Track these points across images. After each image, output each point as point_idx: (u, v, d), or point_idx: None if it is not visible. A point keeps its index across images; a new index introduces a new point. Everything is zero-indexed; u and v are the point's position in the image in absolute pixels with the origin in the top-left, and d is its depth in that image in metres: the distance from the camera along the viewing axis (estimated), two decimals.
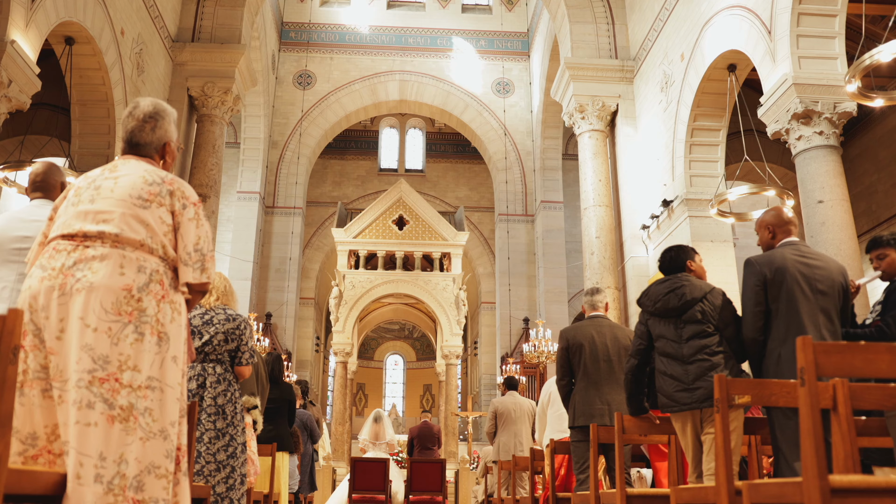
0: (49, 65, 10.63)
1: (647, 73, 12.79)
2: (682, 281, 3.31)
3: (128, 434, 1.86)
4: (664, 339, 3.26)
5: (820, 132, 8.06)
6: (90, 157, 10.16)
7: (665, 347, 3.25)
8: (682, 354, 3.15)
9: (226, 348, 3.51)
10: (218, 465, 3.31)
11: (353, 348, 16.10)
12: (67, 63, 9.56)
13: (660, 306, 3.31)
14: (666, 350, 3.23)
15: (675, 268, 3.43)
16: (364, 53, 20.60)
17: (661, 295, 3.33)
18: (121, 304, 1.94)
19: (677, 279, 3.34)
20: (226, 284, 3.69)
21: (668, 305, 3.26)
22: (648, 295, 3.41)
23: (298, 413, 6.62)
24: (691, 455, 3.06)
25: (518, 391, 7.37)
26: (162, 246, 2.07)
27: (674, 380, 3.14)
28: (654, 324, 3.34)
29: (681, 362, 3.13)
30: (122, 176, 2.14)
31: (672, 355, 3.19)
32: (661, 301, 3.31)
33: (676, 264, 3.43)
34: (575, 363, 4.28)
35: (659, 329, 3.31)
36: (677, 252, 3.48)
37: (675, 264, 3.43)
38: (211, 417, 3.37)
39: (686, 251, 3.49)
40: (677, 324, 3.23)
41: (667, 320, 3.28)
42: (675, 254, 3.47)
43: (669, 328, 3.25)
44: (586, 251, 12.59)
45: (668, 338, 3.24)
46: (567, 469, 4.77)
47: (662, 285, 3.37)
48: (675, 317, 3.25)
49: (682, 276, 3.37)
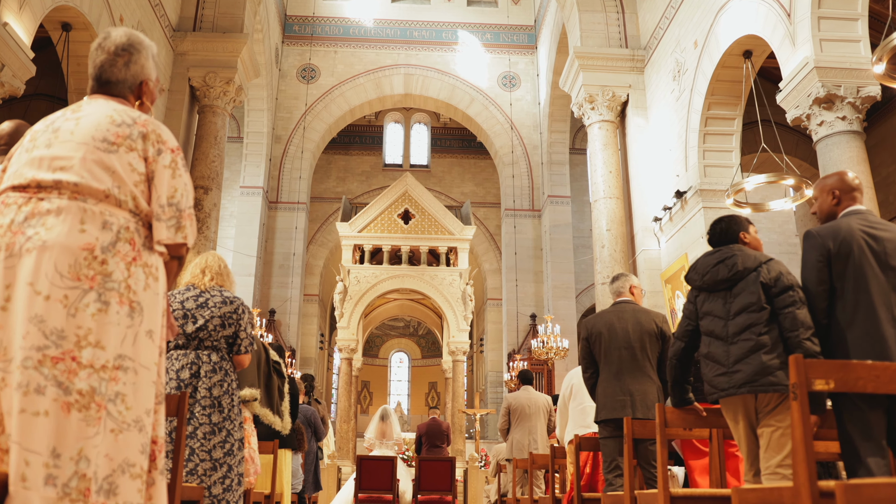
0: (46, 55, 10.39)
1: (659, 61, 12.50)
2: (733, 251, 2.96)
3: (89, 425, 1.53)
4: (710, 317, 2.92)
5: (842, 117, 7.76)
6: None
7: (710, 325, 2.91)
8: (726, 333, 2.81)
9: (222, 334, 3.19)
10: (214, 464, 2.99)
11: (357, 345, 15.82)
12: (64, 50, 9.30)
13: (708, 279, 2.95)
14: (711, 328, 2.90)
15: (727, 239, 3.06)
16: (368, 47, 20.33)
17: (709, 266, 2.97)
18: (80, 266, 1.61)
19: (728, 249, 2.99)
20: (220, 264, 3.37)
21: (717, 277, 2.91)
22: (696, 268, 3.05)
23: (302, 409, 6.34)
24: (745, 450, 2.72)
25: (532, 386, 7.06)
26: (132, 198, 1.73)
27: (714, 362, 2.82)
28: (702, 300, 2.99)
29: (724, 342, 2.81)
30: (85, 116, 1.80)
31: (716, 334, 2.86)
32: (710, 273, 2.95)
33: (728, 236, 3.05)
34: (597, 353, 4.01)
35: (706, 305, 2.96)
36: (729, 222, 3.10)
37: (727, 236, 3.05)
38: (206, 411, 3.05)
39: (739, 221, 3.11)
40: (726, 298, 2.88)
41: (715, 295, 2.93)
42: (726, 224, 3.09)
43: (717, 303, 2.91)
44: (597, 244, 12.30)
45: (715, 314, 2.90)
46: (592, 467, 4.47)
47: (712, 256, 3.02)
48: (724, 290, 2.90)
49: (735, 246, 3.00)
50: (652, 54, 12.82)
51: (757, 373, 2.64)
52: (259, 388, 3.86)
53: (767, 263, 2.84)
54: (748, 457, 2.70)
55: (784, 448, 2.50)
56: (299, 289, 18.15)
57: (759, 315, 2.73)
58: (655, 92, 12.63)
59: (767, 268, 2.82)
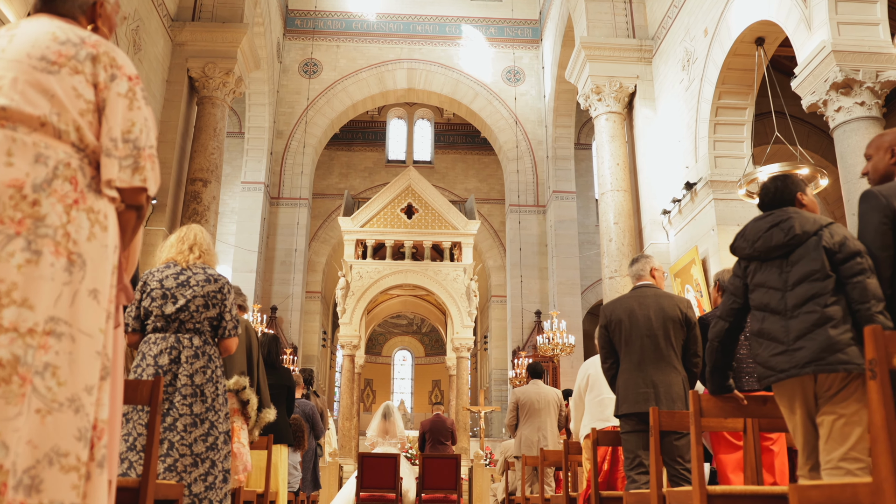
0: None
1: (667, 51, 12.23)
2: (788, 213, 2.57)
3: (8, 403, 1.24)
4: (763, 289, 2.54)
5: (861, 102, 7.50)
6: None
7: (763, 298, 2.52)
8: (784, 306, 2.44)
9: (206, 315, 2.89)
10: (195, 459, 2.70)
11: (360, 341, 15.58)
12: None
13: (760, 245, 2.56)
14: (764, 302, 2.51)
15: (782, 201, 2.65)
16: (371, 41, 20.10)
17: (761, 231, 2.58)
18: (4, 207, 1.32)
19: (783, 212, 2.59)
20: (208, 240, 3.09)
21: (772, 243, 2.53)
22: (744, 234, 2.65)
23: (300, 403, 6.09)
24: (801, 442, 2.38)
25: (543, 380, 6.77)
26: (76, 129, 1.43)
27: (771, 341, 2.44)
28: (752, 271, 2.60)
29: (781, 316, 2.44)
30: (22, 33, 1.49)
31: (772, 308, 2.48)
32: (763, 238, 2.56)
33: (783, 197, 2.65)
34: (616, 341, 3.68)
35: (758, 277, 2.57)
36: (784, 182, 2.69)
37: (782, 197, 2.65)
38: (186, 400, 2.75)
39: (796, 181, 2.71)
40: (782, 267, 2.49)
41: (768, 264, 2.54)
42: (781, 184, 2.69)
43: (771, 273, 2.52)
44: (604, 238, 12.05)
45: (770, 285, 2.51)
46: (610, 464, 4.17)
47: (763, 220, 2.62)
48: (779, 257, 2.51)
49: (790, 209, 2.61)
50: (660, 44, 12.56)
51: (824, 349, 2.30)
52: (250, 377, 3.58)
53: (829, 227, 2.48)
54: (804, 449, 2.38)
55: (848, 439, 2.20)
56: (301, 285, 17.93)
57: (824, 284, 2.38)
58: (664, 82, 12.37)
59: (830, 231, 2.46)
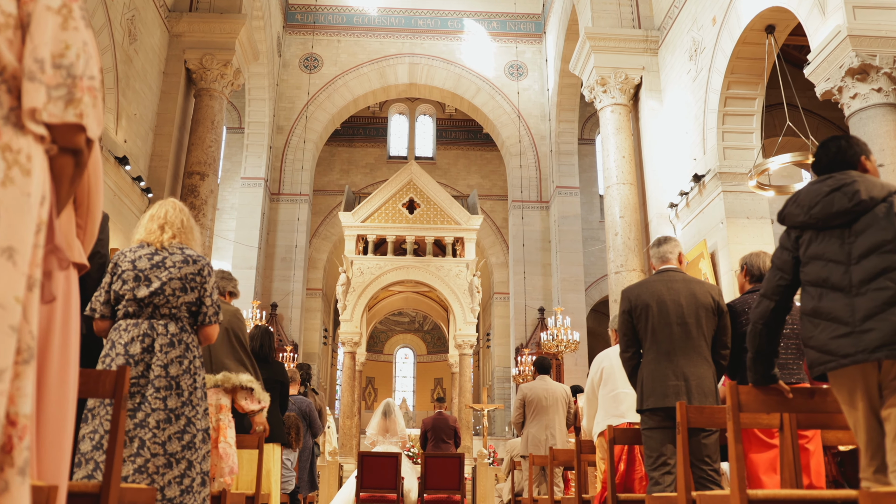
0: None
1: (674, 41, 11.98)
2: (852, 177, 2.23)
3: None
4: (820, 262, 2.20)
5: (878, 89, 7.24)
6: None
7: (821, 273, 2.18)
8: (848, 282, 2.11)
9: (183, 300, 2.62)
10: (169, 460, 2.43)
11: (361, 338, 15.35)
12: None
13: (818, 211, 2.21)
14: (822, 277, 2.18)
15: (842, 163, 2.30)
16: (372, 36, 19.87)
17: (820, 195, 2.23)
18: None
19: (846, 175, 2.24)
20: (183, 218, 2.78)
21: (833, 209, 2.18)
22: (798, 200, 2.29)
23: (296, 400, 5.84)
24: (864, 440, 2.07)
25: (552, 374, 6.48)
26: None
27: (831, 321, 2.11)
28: (806, 241, 2.25)
29: (844, 293, 2.12)
30: None
31: (832, 284, 2.15)
32: (821, 203, 2.21)
33: (845, 158, 2.30)
34: (641, 329, 3.35)
35: (813, 248, 2.23)
36: (847, 142, 2.35)
37: (843, 158, 2.30)
38: (160, 393, 2.48)
39: (860, 143, 2.37)
40: (844, 237, 2.16)
41: (827, 234, 2.20)
42: (845, 143, 2.34)
43: (832, 244, 2.18)
44: (609, 232, 11.80)
45: (829, 258, 2.18)
46: (627, 464, 3.89)
47: (822, 183, 2.27)
48: (840, 226, 2.18)
49: (852, 172, 2.26)
50: (666, 34, 12.31)
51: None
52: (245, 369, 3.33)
53: None
54: (867, 448, 2.07)
55: None
56: (302, 282, 17.71)
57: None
58: (670, 73, 12.12)
59: None
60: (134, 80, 10.60)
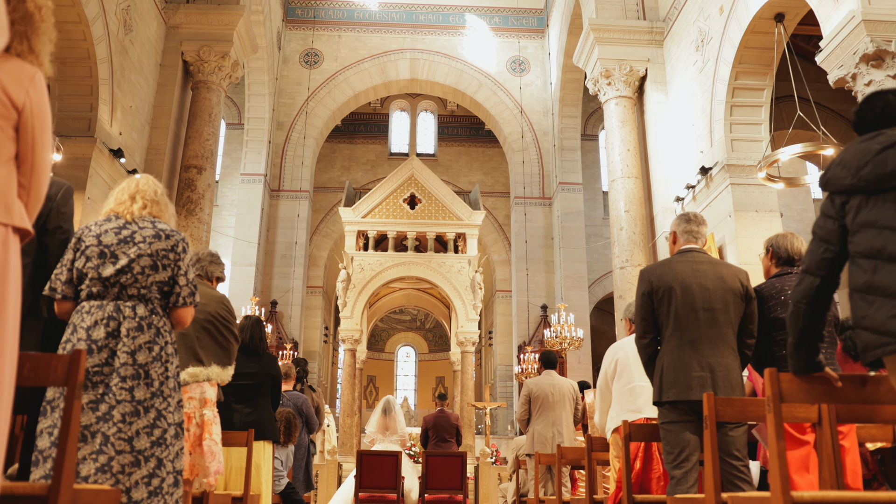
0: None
1: (680, 32, 11.75)
2: None
3: None
4: (873, 230, 1.88)
5: (894, 75, 7.02)
6: (70, 121, 9.25)
7: (875, 242, 1.87)
8: None
9: (154, 279, 2.35)
10: (136, 457, 2.16)
11: (362, 335, 15.13)
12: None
13: (868, 173, 1.90)
14: (876, 247, 1.86)
15: (891, 119, 1.98)
16: (373, 31, 19.68)
17: (870, 154, 1.92)
18: None
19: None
20: (157, 189, 2.54)
21: (887, 168, 1.87)
22: (844, 161, 1.98)
23: (293, 395, 5.63)
24: None
25: (557, 370, 6.23)
26: None
27: (889, 297, 1.80)
28: (855, 208, 1.94)
29: None
30: None
31: (888, 255, 1.84)
32: (872, 163, 1.90)
33: (894, 114, 1.99)
34: (662, 314, 3.05)
35: (864, 214, 1.91)
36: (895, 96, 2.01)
37: (892, 114, 1.99)
38: (126, 383, 2.19)
39: None
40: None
41: (880, 198, 1.90)
42: (892, 98, 2.02)
43: (885, 209, 1.87)
44: (614, 226, 11.58)
45: (883, 224, 1.87)
46: (643, 462, 3.63)
47: (872, 141, 1.95)
48: (895, 189, 1.86)
49: None
50: (672, 25, 12.08)
51: None
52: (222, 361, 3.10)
53: None
54: None
55: None
56: (302, 280, 17.52)
57: None
58: (676, 65, 11.89)
59: None
60: (129, 71, 10.40)
